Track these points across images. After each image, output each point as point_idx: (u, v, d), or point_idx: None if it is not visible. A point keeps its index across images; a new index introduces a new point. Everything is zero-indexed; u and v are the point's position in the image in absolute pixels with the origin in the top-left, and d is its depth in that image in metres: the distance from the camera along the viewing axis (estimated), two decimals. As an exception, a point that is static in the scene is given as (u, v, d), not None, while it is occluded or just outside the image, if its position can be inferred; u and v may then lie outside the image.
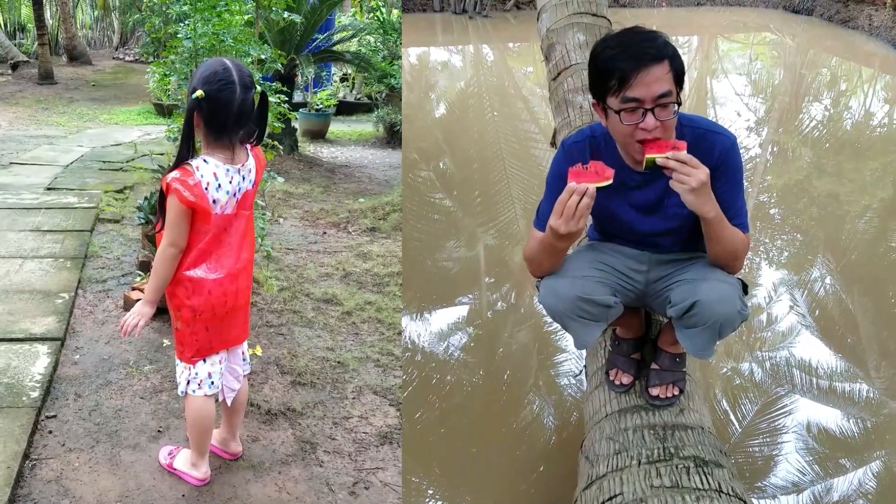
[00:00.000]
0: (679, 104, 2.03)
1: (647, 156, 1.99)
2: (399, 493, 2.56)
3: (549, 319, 2.42)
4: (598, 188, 1.99)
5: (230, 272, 2.32)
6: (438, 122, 7.74)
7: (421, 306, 4.05)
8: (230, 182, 2.23)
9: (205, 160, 2.19)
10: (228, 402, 2.53)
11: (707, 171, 1.98)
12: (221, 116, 2.17)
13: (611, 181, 2.00)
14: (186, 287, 2.28)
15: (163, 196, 2.21)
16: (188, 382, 2.40)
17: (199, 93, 2.12)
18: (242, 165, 2.28)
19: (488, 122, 7.35)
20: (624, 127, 2.05)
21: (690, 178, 1.97)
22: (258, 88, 2.27)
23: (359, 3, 11.71)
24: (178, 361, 2.43)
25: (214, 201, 2.20)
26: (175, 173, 2.17)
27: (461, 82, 9.43)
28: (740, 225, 2.17)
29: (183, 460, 2.54)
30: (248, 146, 2.34)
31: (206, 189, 2.18)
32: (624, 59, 1.99)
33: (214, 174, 2.19)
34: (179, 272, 2.27)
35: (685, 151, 1.98)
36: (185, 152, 2.19)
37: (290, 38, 7.88)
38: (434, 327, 3.87)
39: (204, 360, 2.40)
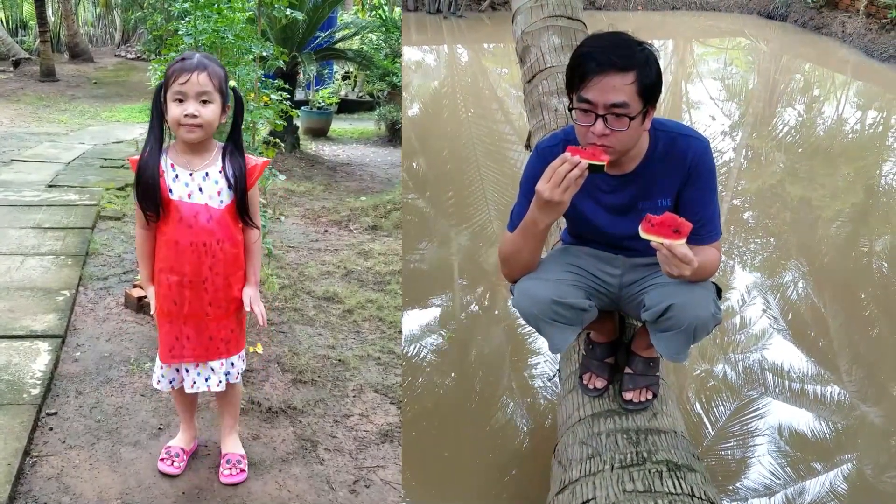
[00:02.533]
0: (639, 118, 2.01)
1: (644, 234, 1.97)
2: (399, 492, 2.56)
3: (523, 322, 2.41)
4: (591, 167, 1.97)
5: None
6: (413, 121, 7.74)
7: (400, 306, 4.05)
8: None
9: None
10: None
11: (693, 267, 1.96)
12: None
13: (605, 164, 1.99)
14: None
15: (244, 181, 2.26)
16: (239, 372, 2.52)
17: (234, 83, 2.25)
18: None
19: (463, 122, 7.35)
20: (577, 126, 2.06)
21: (673, 270, 1.97)
22: (232, 83, 2.39)
23: (361, 2, 11.70)
24: (239, 355, 2.48)
25: None
26: (256, 159, 2.30)
27: (435, 82, 9.42)
28: (712, 231, 2.18)
29: (238, 440, 2.61)
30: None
31: None
32: (590, 60, 1.99)
33: None
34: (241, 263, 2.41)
35: (685, 240, 1.94)
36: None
37: (293, 36, 7.87)
38: (410, 329, 3.86)
39: None
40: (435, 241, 4.88)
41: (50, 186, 5.83)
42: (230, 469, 2.50)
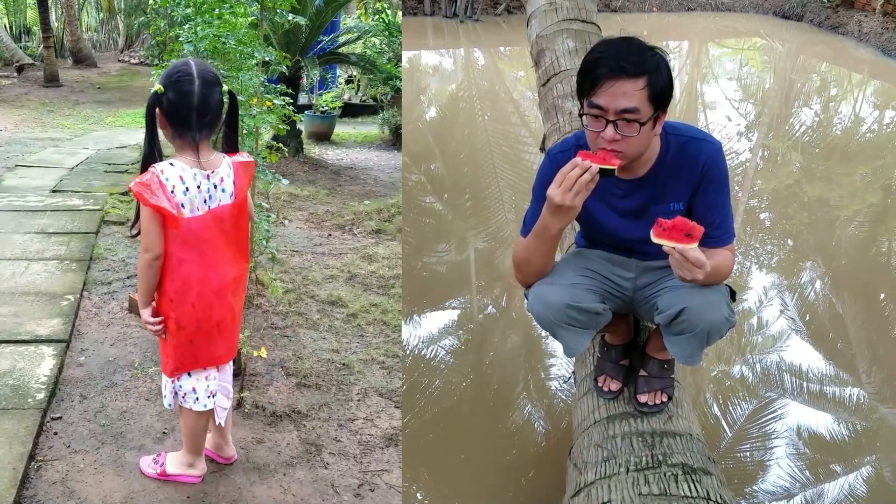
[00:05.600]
0: (650, 123, 2.00)
1: (655, 239, 1.97)
2: (403, 495, 2.56)
3: (537, 324, 2.42)
4: (601, 171, 1.97)
5: (215, 287, 2.29)
6: (430, 125, 7.74)
7: (413, 310, 4.04)
8: (198, 187, 2.19)
9: (171, 163, 2.17)
10: (222, 423, 2.51)
11: (706, 271, 1.96)
12: (181, 111, 2.14)
13: (615, 168, 1.99)
14: (171, 299, 2.26)
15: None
16: (174, 394, 2.40)
17: (158, 87, 2.11)
18: (213, 172, 2.23)
19: (479, 125, 7.34)
20: (588, 131, 2.06)
21: (686, 274, 1.97)
22: (225, 87, 2.24)
23: (363, 6, 11.72)
24: (165, 379, 2.41)
25: (182, 205, 2.17)
26: (140, 177, 2.14)
27: (452, 85, 9.43)
28: (725, 234, 2.17)
29: (176, 463, 2.52)
30: (227, 156, 2.31)
31: (173, 192, 2.14)
32: (601, 66, 1.98)
33: (181, 177, 2.16)
34: (163, 282, 2.25)
35: (696, 244, 1.94)
36: (150, 153, 2.18)
37: (296, 41, 7.88)
38: (425, 332, 3.86)
39: (189, 375, 2.38)
40: (452, 243, 4.88)
41: (54, 191, 5.85)
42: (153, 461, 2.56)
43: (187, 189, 2.17)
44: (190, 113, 2.14)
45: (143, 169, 2.17)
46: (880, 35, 11.10)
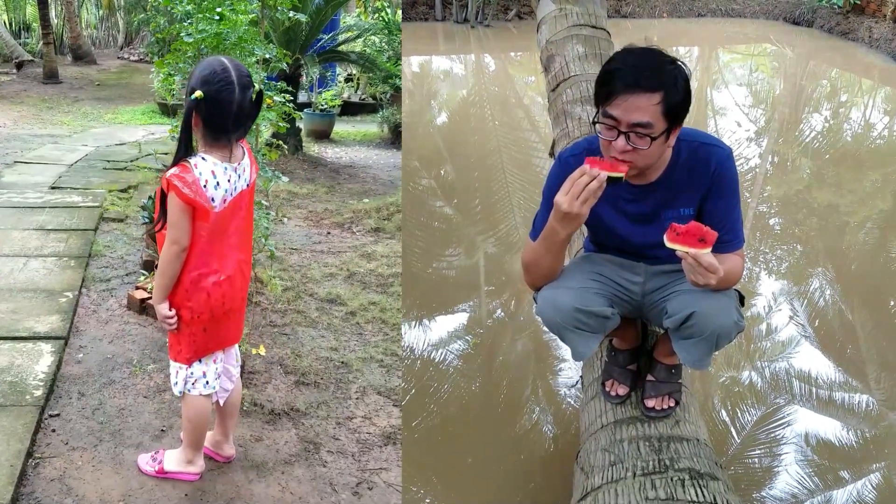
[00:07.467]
0: (662, 137, 1.99)
1: (669, 244, 1.96)
2: (401, 494, 2.55)
3: (545, 328, 2.42)
4: (609, 178, 1.97)
5: (229, 274, 2.32)
6: (440, 130, 7.74)
7: (420, 313, 4.03)
8: (228, 181, 2.23)
9: (203, 158, 2.19)
10: (221, 403, 2.52)
11: (719, 276, 1.95)
12: (220, 117, 2.17)
13: (623, 175, 1.99)
14: (187, 289, 2.27)
15: (164, 195, 2.20)
16: (185, 382, 2.40)
17: (199, 93, 2.12)
18: (239, 163, 2.27)
19: (489, 130, 7.34)
20: (601, 138, 2.06)
21: (699, 279, 1.97)
22: (256, 87, 2.26)
23: (363, 4, 11.70)
24: (172, 362, 2.41)
25: (212, 199, 2.20)
26: (174, 170, 2.16)
27: (463, 91, 9.43)
28: (735, 239, 2.17)
29: (174, 460, 2.53)
30: (243, 144, 2.34)
31: (205, 187, 2.17)
32: (618, 77, 1.98)
33: (213, 172, 2.19)
34: (180, 273, 2.26)
35: (709, 249, 1.93)
36: (184, 151, 2.19)
37: (296, 38, 7.87)
38: (433, 335, 3.85)
39: (199, 361, 2.40)
40: (462, 247, 4.87)
41: (53, 188, 5.84)
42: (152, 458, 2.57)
43: (218, 184, 2.20)
44: (228, 119, 2.18)
45: (175, 164, 2.19)
46: (891, 41, 11.07)
